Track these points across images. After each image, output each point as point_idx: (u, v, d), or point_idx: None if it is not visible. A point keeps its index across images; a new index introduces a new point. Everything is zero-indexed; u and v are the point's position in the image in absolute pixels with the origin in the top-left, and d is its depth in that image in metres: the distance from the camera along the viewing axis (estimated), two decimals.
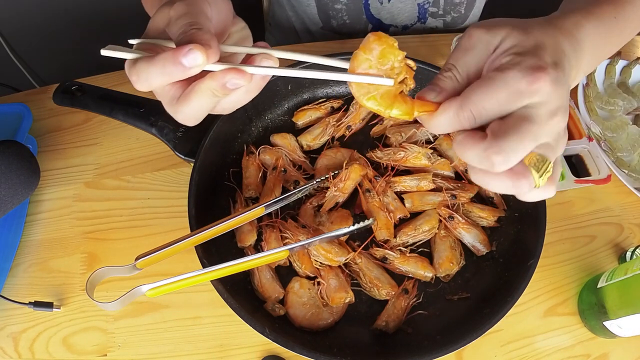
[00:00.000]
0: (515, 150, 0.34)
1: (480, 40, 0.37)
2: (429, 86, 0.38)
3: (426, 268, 0.63)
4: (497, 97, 0.34)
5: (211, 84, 0.36)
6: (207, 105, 0.37)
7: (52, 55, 1.35)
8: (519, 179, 0.35)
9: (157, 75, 0.35)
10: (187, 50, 0.34)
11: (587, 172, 0.74)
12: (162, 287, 0.50)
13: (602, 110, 0.81)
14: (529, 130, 0.34)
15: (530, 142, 0.34)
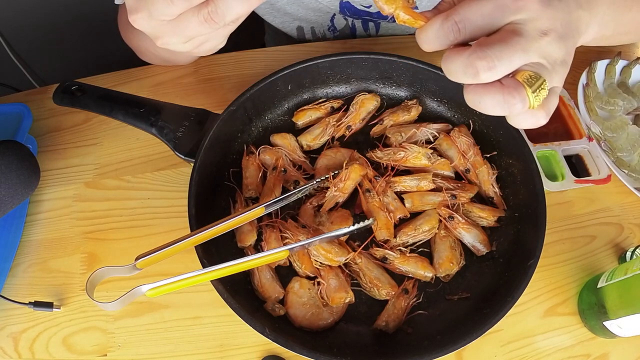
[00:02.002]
0: (500, 57, 0.33)
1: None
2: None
3: (426, 268, 0.63)
4: (482, 9, 0.34)
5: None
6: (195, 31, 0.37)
7: (52, 55, 1.35)
8: (511, 93, 0.33)
9: None
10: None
11: (587, 172, 0.74)
12: (162, 287, 0.50)
13: (602, 110, 0.81)
14: (516, 42, 0.33)
15: (517, 53, 0.33)
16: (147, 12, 0.38)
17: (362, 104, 0.75)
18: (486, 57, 0.33)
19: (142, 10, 0.38)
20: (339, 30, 0.86)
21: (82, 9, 1.30)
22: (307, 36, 0.87)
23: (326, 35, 0.87)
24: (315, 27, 0.85)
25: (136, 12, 0.38)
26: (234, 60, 0.85)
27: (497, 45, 0.33)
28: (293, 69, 0.71)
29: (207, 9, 0.37)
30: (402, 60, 0.72)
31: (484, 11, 0.34)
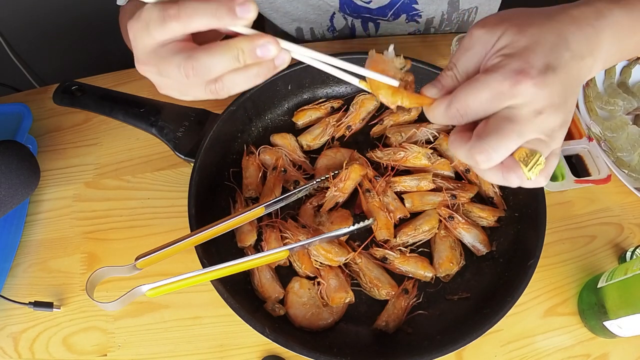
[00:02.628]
0: (497, 149, 0.36)
1: (479, 39, 0.38)
2: (432, 82, 0.41)
3: (426, 268, 0.63)
4: (480, 97, 0.36)
5: (243, 43, 0.35)
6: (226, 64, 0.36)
7: (52, 55, 1.35)
8: (508, 172, 0.37)
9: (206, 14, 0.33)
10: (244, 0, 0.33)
11: (587, 172, 0.74)
12: (162, 287, 0.50)
13: (602, 110, 0.81)
14: (510, 130, 0.36)
15: (513, 140, 0.36)
16: (156, 68, 0.38)
17: (362, 104, 0.75)
18: (484, 152, 0.36)
19: (151, 65, 0.38)
20: (338, 30, 0.86)
21: (82, 9, 1.30)
22: (306, 37, 0.87)
23: (325, 36, 0.87)
24: (315, 28, 0.85)
25: (144, 64, 0.38)
26: None
27: (494, 137, 0.36)
28: (293, 69, 0.71)
29: (214, 85, 0.38)
30: None
31: (482, 99, 0.36)
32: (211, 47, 0.35)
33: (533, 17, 0.38)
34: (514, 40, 0.37)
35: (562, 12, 0.39)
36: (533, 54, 0.36)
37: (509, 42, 0.37)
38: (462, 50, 0.39)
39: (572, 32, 0.38)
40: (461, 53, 0.39)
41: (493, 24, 0.38)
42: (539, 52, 0.36)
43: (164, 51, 0.37)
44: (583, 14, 0.40)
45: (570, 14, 0.39)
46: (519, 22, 0.38)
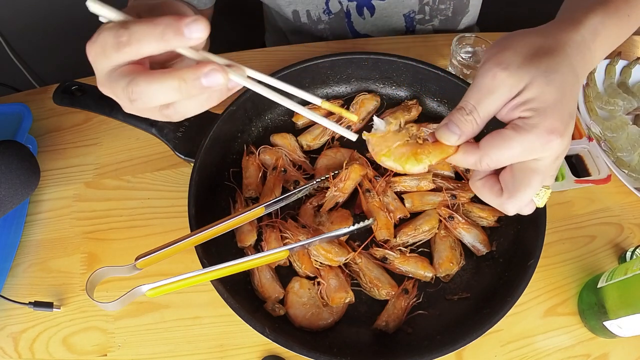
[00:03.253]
0: (525, 200, 0.40)
1: (504, 83, 0.38)
2: (450, 126, 0.40)
3: (426, 268, 0.63)
4: (512, 154, 0.38)
5: (186, 74, 0.33)
6: (166, 94, 0.34)
7: (52, 55, 1.35)
8: (524, 207, 0.42)
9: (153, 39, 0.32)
10: (192, 20, 0.31)
11: (587, 172, 0.74)
12: (162, 287, 0.50)
13: (602, 110, 0.81)
14: (537, 181, 0.39)
15: (537, 188, 0.39)
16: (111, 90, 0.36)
17: (362, 104, 0.75)
18: (516, 205, 0.40)
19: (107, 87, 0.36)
20: (333, 13, 0.86)
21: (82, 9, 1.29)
22: (302, 19, 0.87)
23: (321, 18, 0.87)
24: (311, 10, 0.86)
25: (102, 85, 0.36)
26: (234, 60, 0.85)
27: (524, 191, 0.39)
28: (293, 69, 0.71)
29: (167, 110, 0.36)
30: (402, 60, 0.73)
31: (514, 155, 0.38)
32: (152, 75, 0.33)
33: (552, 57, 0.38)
34: (544, 92, 0.37)
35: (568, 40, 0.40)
36: (562, 108, 0.37)
37: (538, 94, 0.37)
38: (484, 93, 0.38)
39: (579, 64, 0.40)
40: (483, 95, 0.38)
41: (517, 66, 0.38)
42: (565, 103, 0.37)
43: (116, 74, 0.35)
44: (584, 39, 0.41)
45: (574, 40, 0.40)
46: (543, 67, 0.37)
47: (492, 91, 0.38)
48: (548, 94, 0.37)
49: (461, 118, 0.39)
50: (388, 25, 0.89)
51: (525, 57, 0.38)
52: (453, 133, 0.40)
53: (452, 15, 0.89)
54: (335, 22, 0.88)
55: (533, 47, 0.39)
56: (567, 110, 0.38)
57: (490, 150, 0.38)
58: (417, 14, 0.87)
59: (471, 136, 0.40)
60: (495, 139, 0.38)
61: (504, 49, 0.39)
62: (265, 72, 0.74)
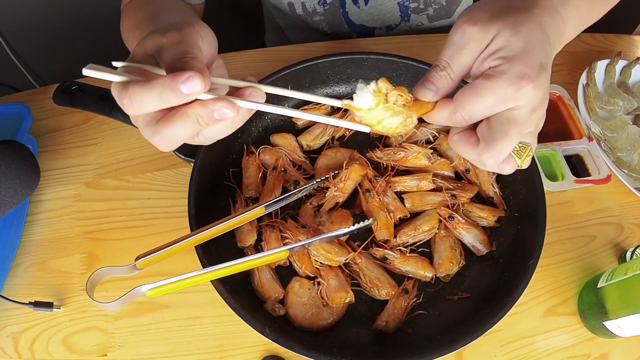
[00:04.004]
0: (503, 151, 0.39)
1: (473, 37, 0.39)
2: (425, 84, 0.41)
3: (426, 268, 0.63)
4: (485, 103, 0.38)
5: (199, 110, 0.35)
6: (188, 131, 0.37)
7: (52, 55, 1.35)
8: (504, 164, 0.41)
9: (153, 100, 0.34)
10: (186, 77, 0.33)
11: (587, 172, 0.74)
12: (162, 287, 0.50)
13: (602, 110, 0.81)
14: (514, 132, 0.38)
15: (515, 140, 0.39)
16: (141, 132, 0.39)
17: None
18: (493, 156, 0.39)
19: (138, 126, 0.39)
20: (328, 3, 0.86)
21: (82, 10, 1.30)
22: (297, 11, 0.88)
23: (316, 10, 0.87)
24: (306, 2, 0.86)
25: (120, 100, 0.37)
26: (234, 60, 0.85)
27: (500, 142, 0.39)
28: (293, 69, 0.71)
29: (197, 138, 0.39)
30: (402, 60, 0.73)
31: (487, 105, 0.38)
32: (171, 118, 0.36)
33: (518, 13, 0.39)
34: (511, 41, 0.38)
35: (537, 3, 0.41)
36: (530, 56, 0.37)
37: (506, 43, 0.38)
38: (455, 48, 0.40)
39: (548, 25, 0.40)
40: (454, 51, 0.40)
41: (485, 20, 0.39)
42: (534, 53, 0.38)
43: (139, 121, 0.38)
44: (552, 3, 0.42)
45: (542, 5, 0.41)
46: (511, 20, 0.38)
47: (462, 46, 0.39)
48: (515, 42, 0.38)
49: (436, 75, 0.40)
50: (383, 14, 0.89)
51: (492, 13, 0.39)
52: (429, 90, 0.40)
53: (447, 4, 0.89)
54: (330, 13, 0.88)
55: (501, 6, 0.40)
56: (536, 59, 0.38)
57: (463, 101, 0.39)
58: (412, 3, 0.87)
59: (447, 92, 0.41)
60: (467, 90, 0.38)
61: (474, 8, 0.40)
62: (264, 73, 0.74)
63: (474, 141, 0.40)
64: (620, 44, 0.88)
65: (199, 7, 0.75)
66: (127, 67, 0.37)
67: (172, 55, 0.36)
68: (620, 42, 0.88)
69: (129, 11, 0.67)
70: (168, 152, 0.68)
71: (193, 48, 0.37)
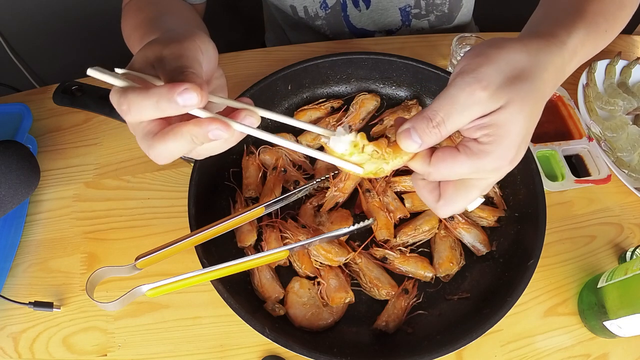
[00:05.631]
0: (460, 208, 0.41)
1: (480, 103, 0.36)
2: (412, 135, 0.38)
3: (426, 268, 0.63)
4: (460, 173, 0.39)
5: (194, 129, 0.35)
6: (183, 148, 0.37)
7: (52, 55, 1.35)
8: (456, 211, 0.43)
9: (150, 109, 0.34)
10: (183, 89, 0.33)
11: (587, 172, 0.74)
12: (162, 287, 0.50)
13: (602, 110, 0.81)
14: (475, 195, 0.40)
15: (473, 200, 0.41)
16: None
17: (362, 103, 0.75)
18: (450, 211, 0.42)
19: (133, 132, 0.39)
20: (330, 6, 0.86)
21: (82, 10, 1.30)
22: (300, 14, 0.88)
23: (318, 14, 0.88)
24: (308, 6, 0.86)
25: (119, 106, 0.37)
26: (234, 60, 0.85)
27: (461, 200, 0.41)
28: (293, 69, 0.71)
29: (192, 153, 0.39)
30: (402, 60, 0.73)
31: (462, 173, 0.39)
32: (166, 135, 0.36)
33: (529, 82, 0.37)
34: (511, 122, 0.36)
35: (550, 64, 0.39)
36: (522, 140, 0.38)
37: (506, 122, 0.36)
38: (457, 108, 0.36)
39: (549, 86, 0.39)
40: (454, 110, 0.36)
41: (497, 87, 0.36)
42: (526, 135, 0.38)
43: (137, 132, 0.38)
44: (563, 62, 0.41)
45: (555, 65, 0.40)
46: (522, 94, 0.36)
47: (465, 108, 0.36)
48: (515, 123, 0.36)
49: (426, 129, 0.37)
50: (384, 19, 0.89)
51: (506, 78, 0.36)
52: (414, 142, 0.38)
53: (449, 12, 0.89)
54: (332, 17, 0.88)
55: (516, 68, 0.37)
56: (525, 140, 0.38)
57: (441, 167, 0.39)
58: (413, 9, 0.88)
59: (431, 145, 0.39)
60: (447, 158, 0.38)
61: (486, 62, 0.37)
62: (264, 73, 0.74)
63: (436, 195, 0.42)
64: (620, 44, 0.88)
65: (200, 7, 0.75)
66: (127, 74, 0.37)
67: (172, 68, 0.36)
68: (620, 42, 0.88)
69: (129, 11, 0.67)
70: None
71: (193, 63, 0.37)
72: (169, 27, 0.54)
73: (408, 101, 0.76)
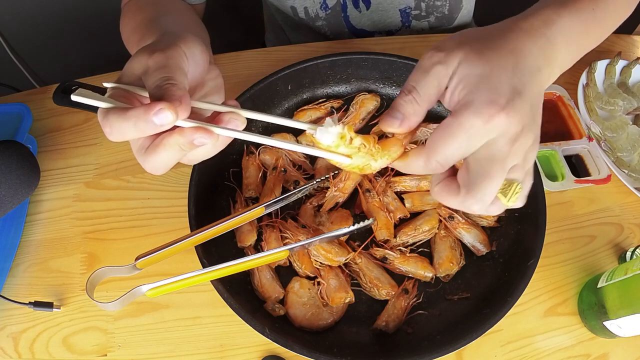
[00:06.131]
0: (488, 193, 0.37)
1: (439, 61, 0.37)
2: (390, 112, 0.38)
3: (426, 268, 0.63)
4: (457, 142, 0.35)
5: (179, 139, 0.36)
6: (174, 157, 0.38)
7: (52, 55, 1.35)
8: (491, 207, 0.38)
9: (130, 130, 0.35)
10: (158, 109, 0.34)
11: (587, 172, 0.74)
12: (162, 287, 0.50)
13: (602, 110, 0.81)
14: (495, 170, 0.36)
15: (499, 178, 0.36)
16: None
17: (362, 104, 0.75)
18: (478, 201, 0.37)
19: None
20: (330, 7, 0.87)
21: (82, 10, 1.30)
22: (300, 15, 0.88)
23: (319, 14, 0.88)
24: (309, 7, 0.86)
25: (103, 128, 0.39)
26: (234, 60, 0.85)
27: (483, 184, 0.36)
28: (293, 69, 0.71)
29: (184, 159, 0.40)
30: (402, 60, 0.73)
31: (461, 144, 0.35)
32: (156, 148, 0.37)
33: (489, 39, 0.38)
34: (475, 67, 0.36)
35: (514, 27, 0.39)
36: (498, 81, 0.35)
37: (470, 71, 0.36)
38: (421, 72, 0.38)
39: (527, 47, 0.38)
40: (420, 75, 0.38)
41: (451, 47, 0.37)
42: (502, 78, 0.35)
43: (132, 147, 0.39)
44: (533, 26, 0.39)
45: (521, 27, 0.39)
46: (477, 45, 0.37)
47: (427, 70, 0.37)
48: (478, 68, 0.36)
49: (401, 101, 0.38)
50: (384, 20, 0.89)
51: (461, 41, 0.38)
52: (394, 118, 0.38)
53: (449, 13, 0.89)
54: (332, 18, 0.88)
55: (472, 34, 0.39)
56: (506, 84, 0.35)
57: (434, 145, 0.36)
58: (414, 10, 0.88)
59: (414, 119, 0.38)
60: (437, 132, 0.36)
61: (445, 39, 0.39)
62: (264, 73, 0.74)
63: (455, 188, 0.38)
64: (620, 44, 0.88)
65: (200, 7, 0.75)
66: (116, 88, 0.39)
67: (154, 81, 0.37)
68: (620, 42, 0.88)
69: (128, 12, 0.67)
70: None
71: (175, 72, 0.38)
72: (165, 30, 0.54)
73: None
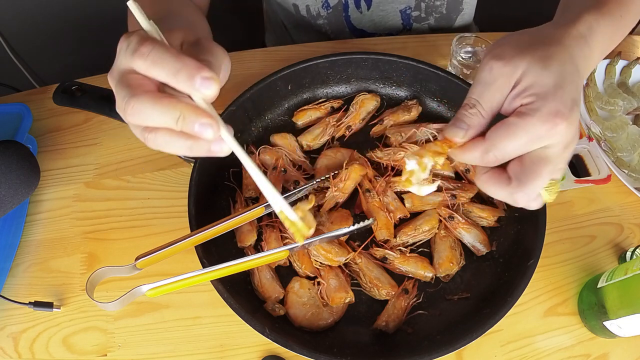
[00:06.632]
0: (536, 190, 0.39)
1: (501, 74, 0.38)
2: (456, 123, 0.40)
3: (426, 268, 0.63)
4: (519, 142, 0.37)
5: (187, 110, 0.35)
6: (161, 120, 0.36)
7: (52, 55, 1.35)
8: (533, 201, 0.40)
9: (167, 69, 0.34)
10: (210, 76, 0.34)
11: (587, 172, 0.74)
12: (162, 287, 0.50)
13: (602, 110, 0.81)
14: (547, 171, 0.38)
15: (547, 178, 0.38)
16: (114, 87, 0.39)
17: (362, 104, 0.75)
18: (526, 194, 0.39)
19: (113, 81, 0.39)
20: (332, 6, 0.87)
21: (82, 10, 1.30)
22: (302, 13, 0.88)
23: (320, 13, 0.88)
24: (310, 5, 0.87)
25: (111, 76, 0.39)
26: (234, 60, 0.84)
27: (534, 180, 0.38)
28: (293, 69, 0.71)
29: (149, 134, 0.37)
30: (402, 60, 0.73)
31: (521, 144, 0.37)
32: (159, 97, 0.35)
33: (546, 46, 0.39)
34: (542, 77, 0.37)
35: (565, 34, 0.40)
36: (563, 92, 0.37)
37: (536, 80, 0.37)
38: (484, 85, 0.39)
39: (578, 56, 0.40)
40: (483, 88, 0.39)
41: (511, 56, 0.38)
42: (566, 89, 0.37)
43: (126, 78, 0.36)
44: (580, 33, 0.41)
45: (570, 34, 0.41)
46: (538, 54, 0.38)
47: (490, 83, 0.38)
48: (546, 78, 0.37)
49: (466, 113, 0.39)
50: (385, 22, 0.89)
51: (520, 48, 0.39)
52: (460, 129, 0.39)
53: (447, 12, 0.89)
54: (333, 17, 0.88)
55: (528, 40, 0.40)
56: (568, 95, 0.37)
57: (495, 140, 0.38)
58: (414, 11, 0.88)
59: (478, 130, 0.40)
60: (499, 129, 0.38)
61: (500, 45, 0.40)
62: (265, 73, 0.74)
63: (505, 179, 0.39)
64: (620, 43, 0.88)
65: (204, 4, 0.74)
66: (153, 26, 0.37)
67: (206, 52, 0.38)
68: (620, 42, 0.88)
69: None
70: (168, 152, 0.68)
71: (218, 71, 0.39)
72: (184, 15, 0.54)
73: (408, 101, 0.76)
